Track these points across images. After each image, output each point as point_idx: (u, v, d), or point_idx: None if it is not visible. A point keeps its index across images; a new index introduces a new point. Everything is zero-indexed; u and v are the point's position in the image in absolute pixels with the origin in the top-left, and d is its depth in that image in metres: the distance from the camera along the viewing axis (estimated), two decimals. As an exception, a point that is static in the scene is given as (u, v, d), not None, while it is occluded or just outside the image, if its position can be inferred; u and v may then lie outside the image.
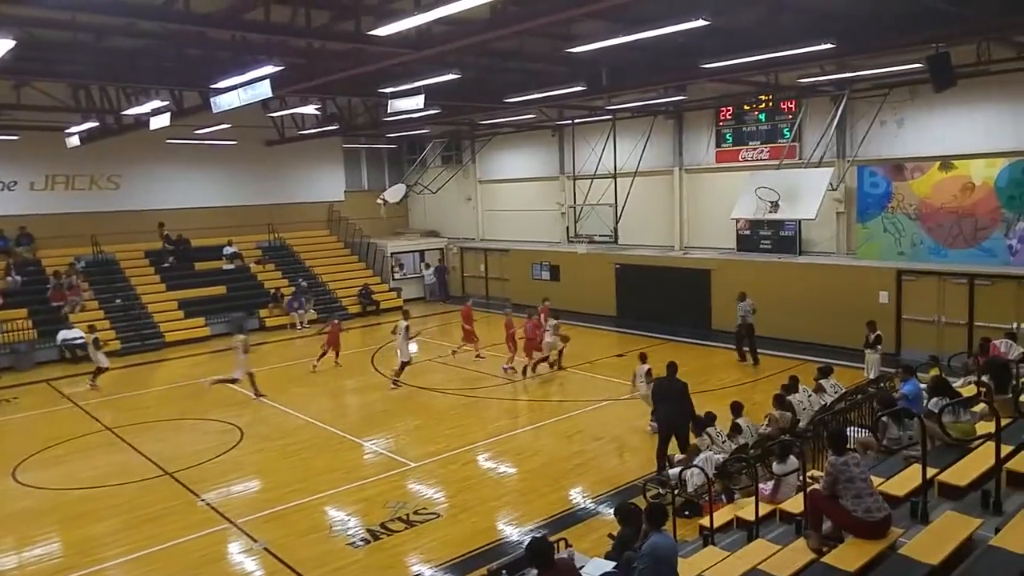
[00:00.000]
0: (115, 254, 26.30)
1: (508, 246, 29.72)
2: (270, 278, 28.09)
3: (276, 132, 26.53)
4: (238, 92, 13.78)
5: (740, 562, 6.94)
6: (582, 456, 13.11)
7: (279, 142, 27.49)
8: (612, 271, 25.09)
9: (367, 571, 9.41)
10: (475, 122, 26.92)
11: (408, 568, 9.50)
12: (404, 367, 17.99)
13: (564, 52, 13.87)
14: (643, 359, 14.76)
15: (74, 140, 21.86)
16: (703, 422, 11.40)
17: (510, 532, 10.33)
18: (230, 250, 28.09)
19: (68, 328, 22.31)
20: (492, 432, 14.56)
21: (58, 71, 15.45)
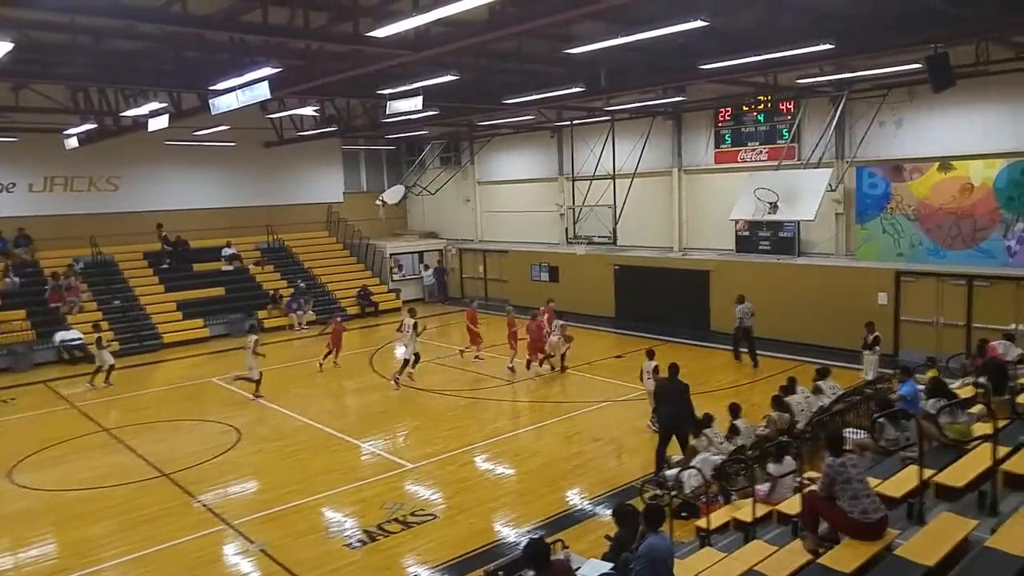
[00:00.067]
0: (114, 255, 26.29)
1: (507, 247, 29.71)
2: (269, 279, 28.08)
3: (275, 133, 26.54)
4: (236, 94, 13.79)
5: (737, 563, 6.94)
6: (580, 457, 13.10)
7: (278, 143, 27.49)
8: (611, 272, 25.08)
9: (364, 572, 9.40)
10: (474, 123, 26.94)
11: (405, 569, 9.49)
12: (407, 364, 18.10)
13: (563, 53, 13.87)
14: (650, 355, 14.87)
15: (73, 142, 21.88)
16: (701, 423, 11.42)
17: (507, 533, 10.32)
18: (229, 251, 28.09)
19: (66, 329, 22.31)
20: (490, 433, 14.55)
21: (57, 73, 15.48)
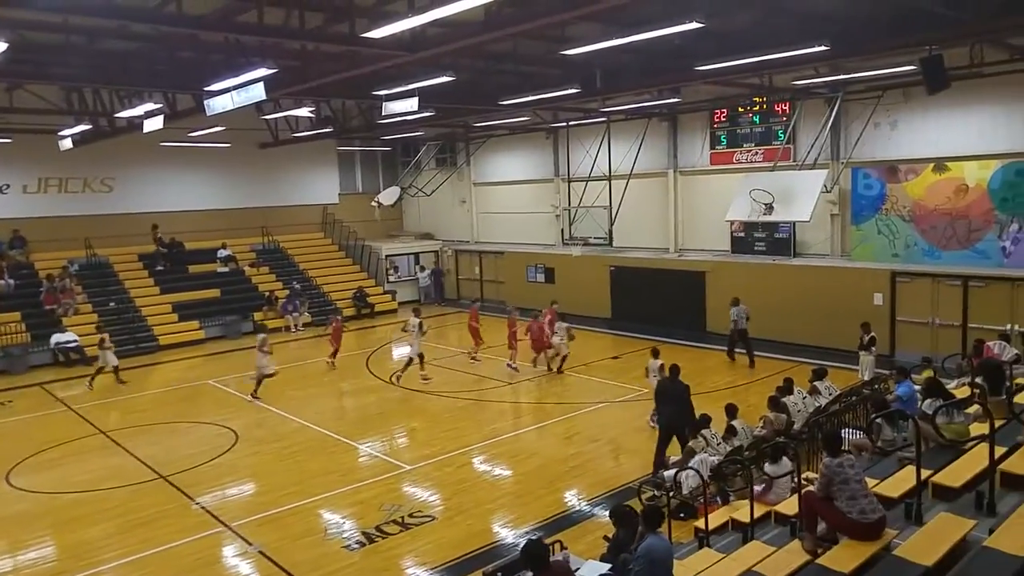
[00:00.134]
0: (108, 257, 26.18)
1: (503, 248, 29.70)
2: (264, 281, 28.02)
3: (270, 135, 26.45)
4: (232, 95, 13.75)
5: (735, 564, 6.95)
6: (578, 458, 13.10)
7: (273, 145, 27.39)
8: (607, 273, 25.08)
9: (363, 574, 9.39)
10: (469, 124, 26.92)
11: (403, 571, 9.49)
12: (410, 363, 18.26)
13: (558, 54, 13.88)
14: (655, 354, 15.07)
15: (67, 143, 21.79)
16: (698, 424, 11.44)
17: (505, 535, 10.32)
18: (224, 253, 28.03)
19: (61, 331, 22.22)
20: (488, 434, 14.54)
21: (51, 74, 15.41)
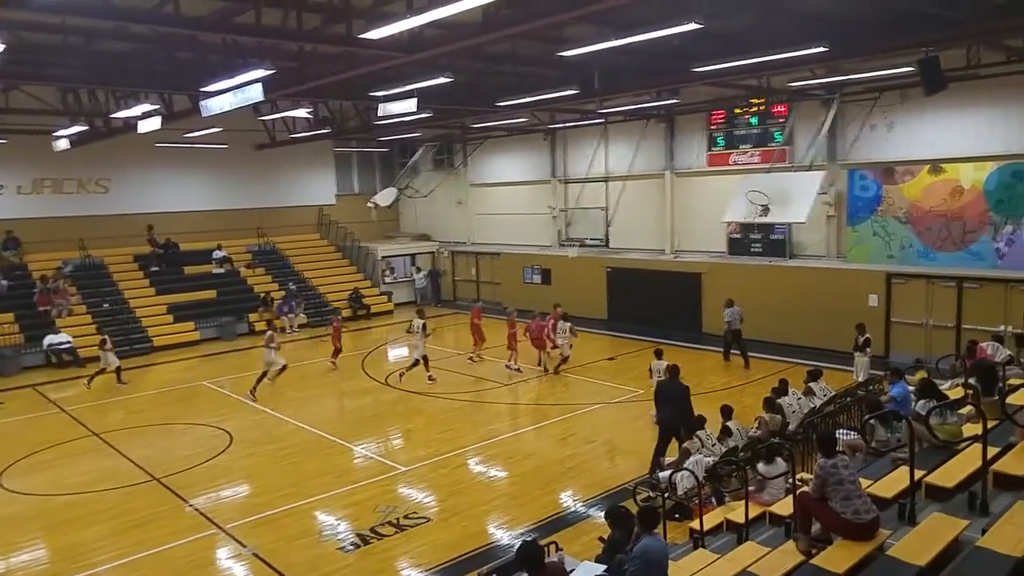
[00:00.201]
0: (103, 258, 26.12)
1: (499, 250, 29.70)
2: (260, 282, 27.97)
3: (267, 136, 26.41)
4: (229, 96, 13.75)
5: (730, 564, 6.95)
6: (573, 459, 13.09)
7: (270, 146, 27.36)
8: (603, 275, 25.09)
9: (357, 576, 9.39)
10: (467, 125, 26.94)
11: (398, 572, 9.47)
12: (416, 364, 18.35)
13: (556, 56, 13.87)
14: (658, 355, 15.25)
15: (62, 143, 21.76)
16: (694, 425, 11.44)
17: (501, 536, 10.31)
18: (220, 254, 27.97)
19: (55, 333, 22.15)
20: (483, 436, 14.52)
21: (47, 74, 15.36)
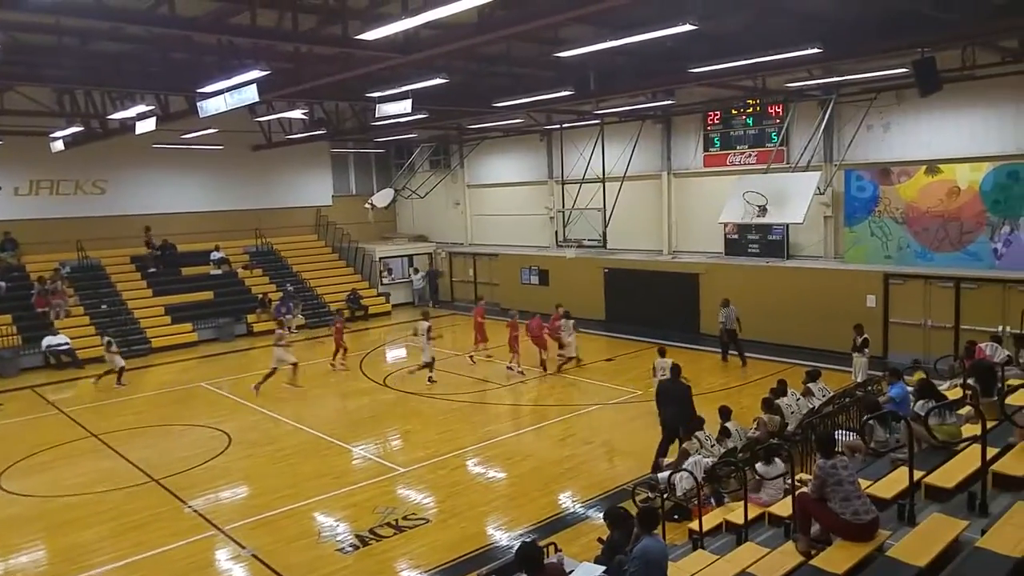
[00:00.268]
0: (100, 259, 26.08)
1: (497, 250, 29.68)
2: (258, 283, 27.94)
3: (263, 137, 26.45)
4: (225, 96, 13.75)
5: (729, 565, 6.96)
6: (572, 460, 13.09)
7: (266, 147, 27.40)
8: (601, 275, 25.08)
9: (356, 577, 9.37)
10: (463, 126, 26.94)
11: (397, 574, 9.47)
12: (427, 366, 18.39)
13: (552, 56, 13.89)
14: (662, 353, 15.39)
15: (59, 145, 21.72)
16: (692, 426, 11.43)
17: (499, 537, 10.30)
18: (217, 255, 27.94)
19: (53, 334, 22.11)
20: (482, 437, 14.51)
21: (43, 75, 15.33)
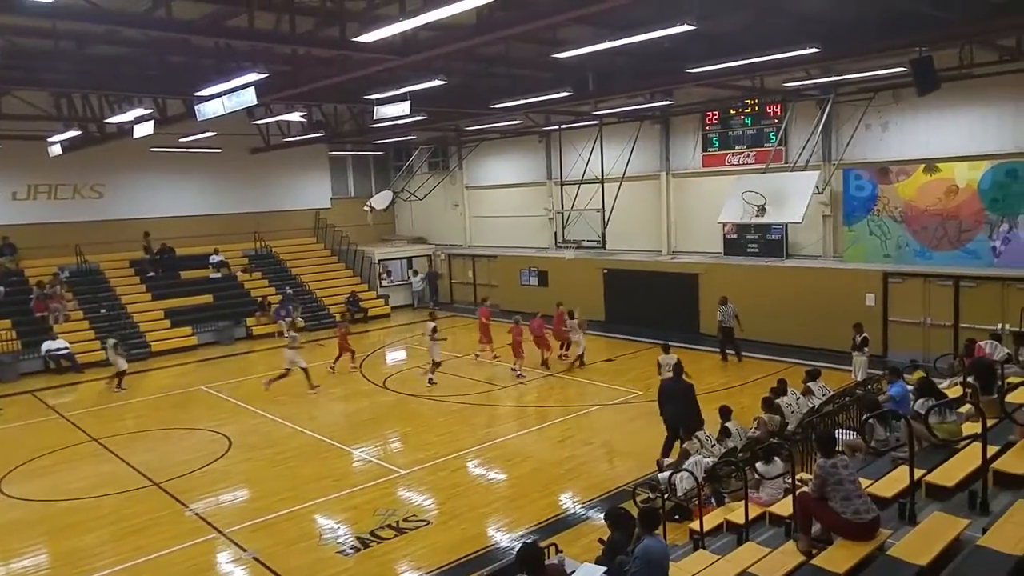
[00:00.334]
0: (99, 264, 26.08)
1: (496, 252, 29.68)
2: (257, 286, 27.93)
3: (261, 140, 26.43)
4: (223, 100, 13.75)
5: (730, 565, 6.95)
6: (572, 461, 13.08)
7: (264, 150, 27.39)
8: (600, 276, 25.09)
9: (357, 580, 9.36)
10: (462, 128, 26.94)
11: (398, 576, 9.47)
12: (436, 365, 18.53)
13: (550, 57, 13.89)
14: (666, 350, 15.51)
15: (56, 149, 21.69)
16: (693, 426, 11.42)
17: (500, 538, 10.30)
18: (216, 259, 27.94)
19: (52, 339, 22.10)
20: (481, 438, 14.51)
21: (40, 79, 15.31)
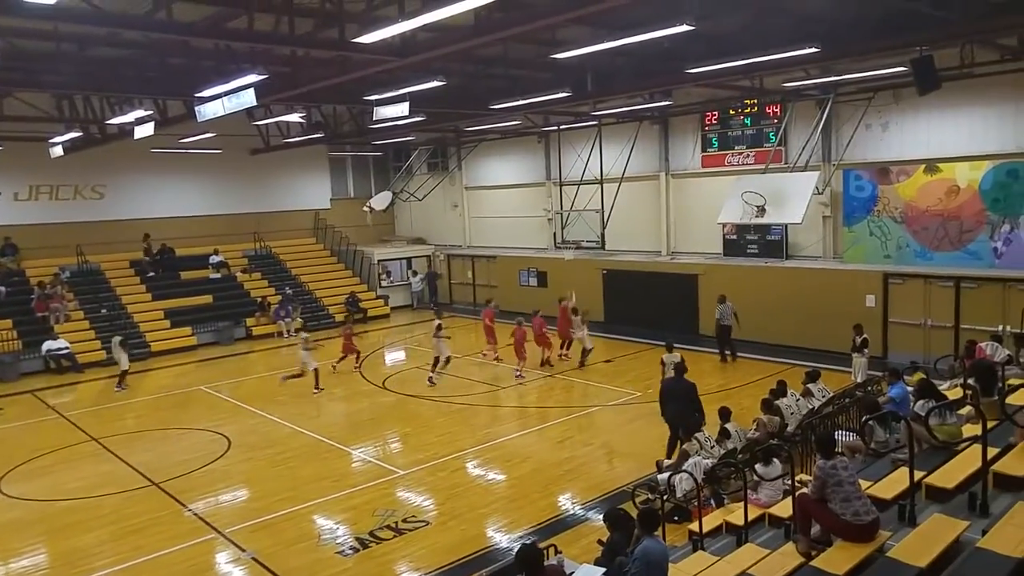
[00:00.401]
0: (100, 264, 26.11)
1: (495, 252, 29.69)
2: (256, 287, 27.94)
3: (261, 140, 26.44)
4: (222, 101, 13.75)
5: (729, 567, 6.95)
6: (571, 462, 13.08)
7: (264, 150, 27.42)
8: (599, 277, 25.08)
9: (356, 580, 9.36)
10: (461, 129, 26.93)
11: (397, 577, 9.47)
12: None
13: (549, 58, 13.89)
14: (669, 348, 15.47)
15: (58, 150, 21.72)
16: (692, 427, 11.41)
17: (499, 539, 10.29)
18: (216, 259, 27.96)
19: (53, 339, 22.11)
20: (481, 439, 14.51)
21: (41, 81, 15.32)
